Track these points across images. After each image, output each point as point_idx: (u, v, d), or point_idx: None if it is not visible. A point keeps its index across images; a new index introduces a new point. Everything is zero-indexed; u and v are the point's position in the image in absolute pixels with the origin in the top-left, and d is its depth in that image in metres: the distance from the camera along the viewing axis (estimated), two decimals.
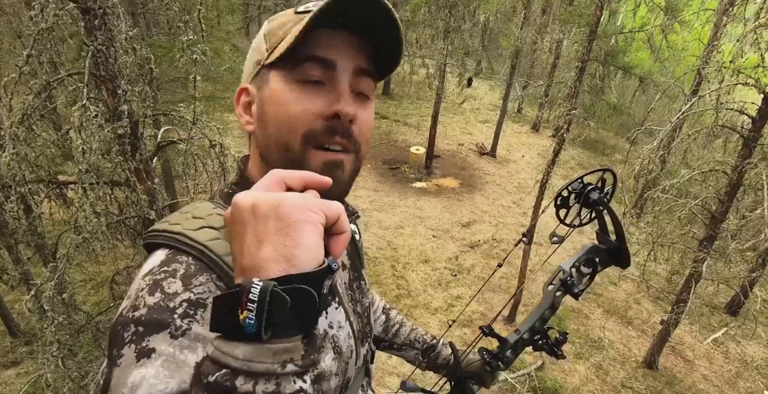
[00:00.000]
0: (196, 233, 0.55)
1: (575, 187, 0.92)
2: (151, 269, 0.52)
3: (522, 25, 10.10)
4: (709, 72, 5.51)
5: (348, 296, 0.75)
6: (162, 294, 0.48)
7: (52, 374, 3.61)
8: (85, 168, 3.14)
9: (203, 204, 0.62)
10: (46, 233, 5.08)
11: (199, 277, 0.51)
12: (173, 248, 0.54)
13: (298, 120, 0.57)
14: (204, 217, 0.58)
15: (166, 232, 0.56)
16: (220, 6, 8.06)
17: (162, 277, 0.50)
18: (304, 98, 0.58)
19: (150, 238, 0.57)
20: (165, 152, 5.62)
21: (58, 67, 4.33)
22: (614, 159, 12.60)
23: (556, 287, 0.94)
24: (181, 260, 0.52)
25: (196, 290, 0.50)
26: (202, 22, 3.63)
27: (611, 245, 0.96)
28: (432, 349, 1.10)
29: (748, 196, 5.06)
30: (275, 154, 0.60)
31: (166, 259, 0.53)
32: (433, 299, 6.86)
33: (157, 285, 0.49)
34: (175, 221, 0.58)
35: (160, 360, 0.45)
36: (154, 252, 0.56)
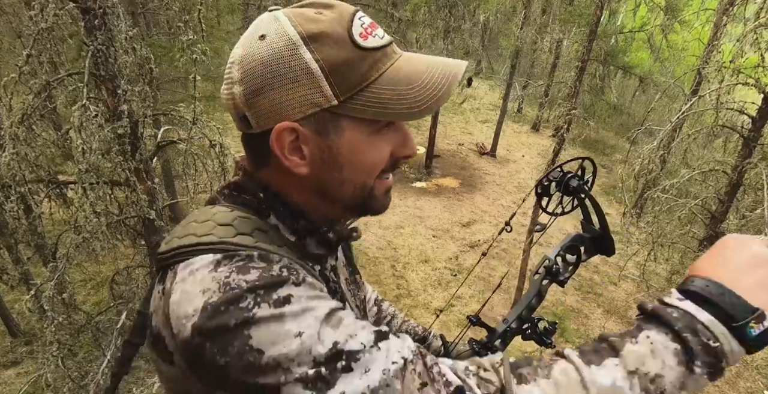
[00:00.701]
0: (237, 240, 0.53)
1: (555, 175, 0.92)
2: (218, 262, 0.49)
3: (522, 25, 10.11)
4: (709, 72, 5.51)
5: (350, 291, 0.76)
6: (257, 270, 0.48)
7: (52, 374, 3.61)
8: (85, 168, 3.14)
9: (218, 208, 0.59)
10: (46, 232, 5.09)
11: (273, 256, 0.52)
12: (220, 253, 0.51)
13: (378, 165, 0.60)
14: (231, 223, 0.56)
15: (202, 244, 0.53)
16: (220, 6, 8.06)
17: (243, 263, 0.49)
18: (382, 145, 0.59)
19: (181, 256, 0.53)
20: (165, 152, 5.63)
21: (58, 67, 4.33)
22: (614, 159, 12.61)
23: (542, 276, 0.95)
24: (242, 253, 0.51)
25: (283, 261, 0.51)
26: (202, 22, 3.64)
27: (595, 233, 0.97)
28: (423, 341, 1.10)
29: (748, 196, 5.06)
30: (347, 193, 0.61)
31: (223, 256, 0.50)
32: (433, 298, 6.87)
33: (245, 267, 0.48)
34: (204, 232, 0.54)
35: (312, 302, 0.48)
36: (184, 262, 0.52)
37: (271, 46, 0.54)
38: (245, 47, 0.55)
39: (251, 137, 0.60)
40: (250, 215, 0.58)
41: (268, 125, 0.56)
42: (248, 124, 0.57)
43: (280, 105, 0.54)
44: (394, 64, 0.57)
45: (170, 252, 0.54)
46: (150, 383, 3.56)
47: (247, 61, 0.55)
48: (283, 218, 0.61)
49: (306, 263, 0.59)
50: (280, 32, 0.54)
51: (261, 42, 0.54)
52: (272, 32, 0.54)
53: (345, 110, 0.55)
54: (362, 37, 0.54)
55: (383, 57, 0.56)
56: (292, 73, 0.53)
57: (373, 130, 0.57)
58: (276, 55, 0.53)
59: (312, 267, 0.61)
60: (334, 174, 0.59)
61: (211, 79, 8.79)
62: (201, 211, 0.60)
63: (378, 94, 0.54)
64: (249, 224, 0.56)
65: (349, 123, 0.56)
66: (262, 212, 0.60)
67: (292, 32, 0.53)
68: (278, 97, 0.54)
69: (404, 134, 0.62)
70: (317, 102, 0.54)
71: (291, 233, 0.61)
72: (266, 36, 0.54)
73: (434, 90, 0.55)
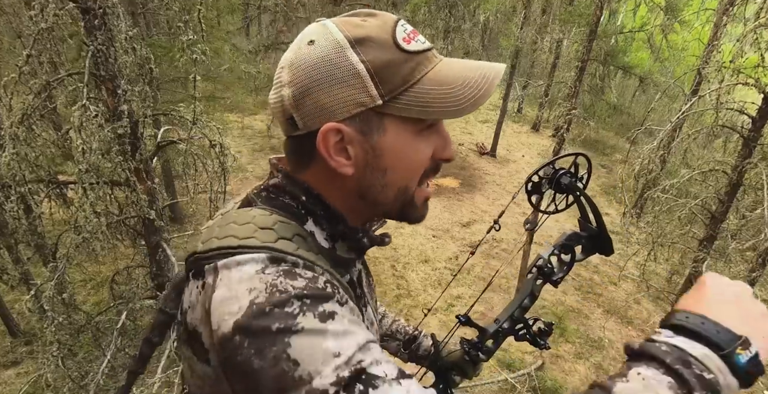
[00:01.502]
0: (279, 245, 0.53)
1: (547, 172, 0.90)
2: (264, 266, 0.49)
3: (522, 25, 10.11)
4: (709, 72, 5.51)
5: (370, 295, 0.79)
6: (304, 279, 0.49)
7: (52, 374, 3.61)
8: (85, 168, 3.14)
9: (256, 211, 0.59)
10: (46, 232, 5.08)
11: (316, 267, 0.53)
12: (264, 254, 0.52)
13: (421, 166, 0.62)
14: (272, 227, 0.56)
15: (244, 247, 0.52)
16: (220, 6, 8.07)
17: (290, 268, 0.50)
18: (424, 146, 0.61)
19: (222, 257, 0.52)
20: (165, 152, 5.62)
21: (58, 67, 4.33)
22: (614, 159, 12.61)
23: (534, 275, 0.93)
24: (288, 260, 0.51)
25: (325, 277, 0.52)
26: (202, 22, 3.64)
27: (592, 231, 0.94)
28: (413, 340, 1.11)
29: (748, 196, 5.06)
30: (389, 196, 0.62)
31: (272, 257, 0.50)
32: (433, 298, 6.86)
33: (293, 273, 0.49)
34: (246, 234, 0.54)
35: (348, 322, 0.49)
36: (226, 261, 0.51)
37: (319, 50, 0.56)
38: (295, 52, 0.58)
39: (296, 140, 0.61)
40: (290, 220, 0.59)
41: (314, 126, 0.57)
42: (295, 126, 0.59)
43: (327, 105, 0.56)
44: (435, 67, 0.59)
45: (210, 252, 0.53)
46: (150, 383, 3.56)
47: (296, 65, 0.57)
48: (321, 222, 0.62)
49: (338, 271, 0.60)
50: (328, 37, 0.57)
51: (310, 46, 0.57)
52: (321, 37, 0.57)
53: (389, 109, 0.57)
54: (405, 41, 0.57)
55: (425, 60, 0.59)
56: (340, 74, 0.55)
57: (415, 130, 0.59)
58: (324, 57, 0.56)
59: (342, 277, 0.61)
60: (378, 176, 0.60)
61: (211, 79, 8.80)
62: (239, 213, 0.59)
63: (421, 93, 0.57)
64: (290, 229, 0.57)
65: (393, 123, 0.58)
66: (300, 217, 0.61)
67: (340, 36, 0.56)
68: (326, 97, 0.56)
69: (445, 137, 0.64)
70: (363, 101, 0.56)
71: (326, 239, 0.62)
72: (315, 41, 0.57)
73: (475, 89, 0.57)
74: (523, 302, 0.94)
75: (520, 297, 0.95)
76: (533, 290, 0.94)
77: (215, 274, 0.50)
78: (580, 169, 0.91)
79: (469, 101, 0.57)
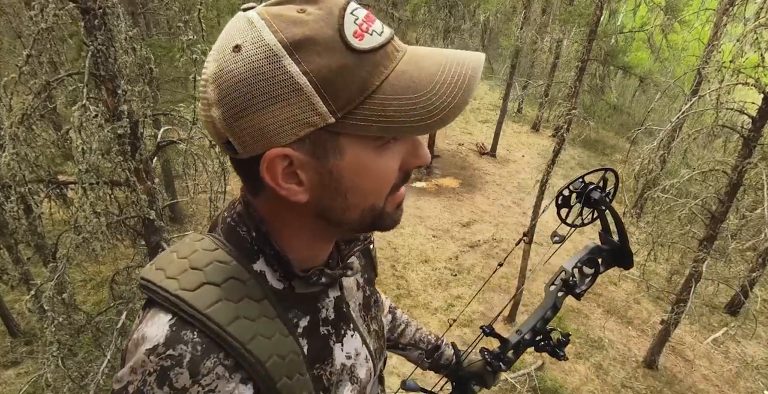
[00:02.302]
0: (195, 296, 0.50)
1: (576, 186, 0.90)
2: (156, 346, 0.48)
3: (522, 25, 10.11)
4: (709, 72, 5.51)
5: (362, 318, 0.72)
6: (171, 389, 0.47)
7: (52, 374, 3.61)
8: (85, 168, 3.14)
9: (203, 243, 0.56)
10: (46, 233, 5.09)
11: (206, 362, 0.48)
12: (175, 314, 0.50)
13: (387, 183, 0.53)
14: (203, 268, 0.53)
15: (162, 290, 0.51)
16: (220, 6, 8.06)
17: (169, 365, 0.47)
18: (390, 161, 0.52)
19: (147, 291, 0.53)
20: (165, 152, 5.62)
21: (58, 67, 4.33)
22: (614, 159, 12.61)
23: (557, 288, 0.94)
24: (186, 339, 0.48)
25: (204, 382, 0.48)
26: (202, 22, 3.64)
27: (614, 245, 0.95)
28: (436, 349, 1.09)
29: (748, 196, 5.06)
30: (354, 217, 0.54)
31: (170, 335, 0.48)
32: (433, 298, 6.87)
33: (165, 376, 0.47)
34: (172, 273, 0.53)
35: None
36: (154, 309, 0.52)
37: (248, 60, 0.44)
38: (218, 62, 0.46)
39: (240, 162, 0.51)
40: (231, 259, 0.54)
41: (256, 151, 0.48)
42: (233, 150, 0.49)
43: (268, 128, 0.46)
44: (397, 66, 0.48)
45: (144, 281, 0.53)
46: None
47: (222, 79, 0.45)
48: (271, 262, 0.57)
49: (291, 317, 0.57)
50: (258, 41, 0.44)
51: (236, 55, 0.45)
52: (248, 42, 0.45)
53: (344, 128, 0.47)
54: (357, 36, 0.46)
55: (384, 59, 0.47)
56: (278, 90, 0.44)
57: (377, 145, 0.50)
58: (255, 70, 0.44)
59: (297, 323, 0.58)
60: (338, 199, 0.52)
61: None
62: (189, 242, 0.57)
63: (381, 106, 0.46)
64: (224, 272, 0.53)
65: (350, 141, 0.48)
66: (251, 254, 0.56)
67: (272, 40, 0.44)
68: (264, 119, 0.46)
69: (413, 142, 0.54)
70: (311, 122, 0.46)
71: (279, 280, 0.57)
72: (241, 47, 0.45)
73: (448, 96, 0.47)
74: (546, 314, 0.94)
75: (542, 309, 0.95)
76: (556, 302, 0.94)
77: (139, 322, 0.52)
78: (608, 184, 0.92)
79: (441, 113, 0.47)
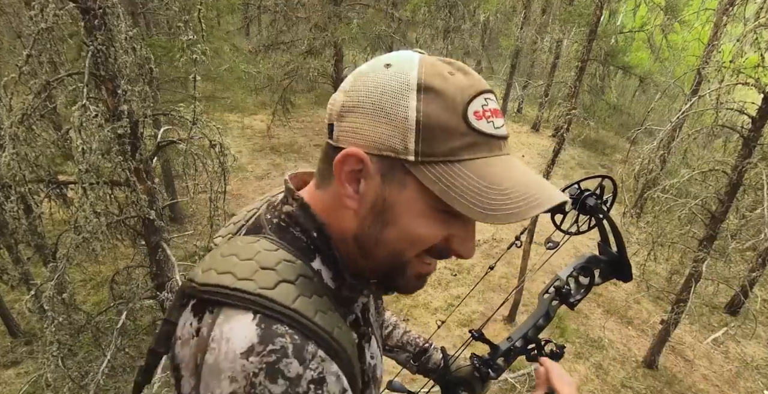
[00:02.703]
0: (276, 294, 0.51)
1: (572, 192, 0.89)
2: (251, 347, 0.47)
3: (522, 25, 10.11)
4: (709, 72, 5.51)
5: (376, 322, 0.75)
6: (285, 380, 0.47)
7: (52, 374, 3.61)
8: (85, 168, 3.14)
9: (262, 244, 0.57)
10: (46, 233, 5.09)
11: (308, 347, 0.49)
12: (256, 313, 0.49)
13: (425, 241, 0.56)
14: (274, 267, 0.54)
15: (239, 291, 0.50)
16: (220, 6, 8.07)
17: (275, 359, 0.47)
18: (440, 226, 0.55)
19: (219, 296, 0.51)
20: (165, 152, 5.63)
21: (58, 67, 4.33)
22: (614, 159, 12.61)
23: (551, 296, 0.92)
24: (280, 332, 0.48)
25: (313, 366, 0.49)
26: (202, 22, 3.63)
27: (612, 256, 0.93)
28: (424, 352, 1.08)
29: (748, 196, 5.06)
30: (380, 255, 0.58)
31: (263, 332, 0.48)
32: (433, 298, 6.87)
33: (275, 370, 0.47)
34: (245, 275, 0.52)
35: None
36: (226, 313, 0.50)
37: (388, 77, 0.53)
38: (369, 66, 0.55)
39: (330, 148, 0.57)
40: (296, 259, 0.56)
41: (345, 144, 0.54)
42: (330, 134, 0.56)
43: (364, 131, 0.53)
44: (491, 159, 0.53)
45: (208, 287, 0.52)
46: (150, 383, 3.56)
47: (362, 79, 0.54)
48: (328, 262, 0.59)
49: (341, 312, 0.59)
50: (405, 70, 0.53)
51: (384, 69, 0.54)
52: (400, 67, 0.53)
53: (417, 171, 0.52)
54: (476, 115, 0.52)
55: (485, 145, 0.52)
56: (391, 110, 0.51)
57: (438, 207, 0.53)
58: (387, 86, 0.52)
59: (346, 318, 0.61)
60: (377, 228, 0.56)
61: (211, 79, 8.80)
62: (245, 244, 0.57)
63: (455, 175, 0.51)
64: (294, 270, 0.55)
65: (416, 186, 0.53)
66: (308, 253, 0.58)
67: (414, 76, 0.52)
68: (366, 123, 0.53)
69: (468, 232, 0.58)
70: (395, 148, 0.52)
71: (332, 279, 0.60)
72: (392, 67, 0.53)
73: (515, 203, 0.50)
74: (538, 321, 0.93)
75: (535, 317, 0.93)
76: (549, 310, 0.93)
77: (210, 328, 0.50)
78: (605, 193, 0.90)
79: (501, 211, 0.50)
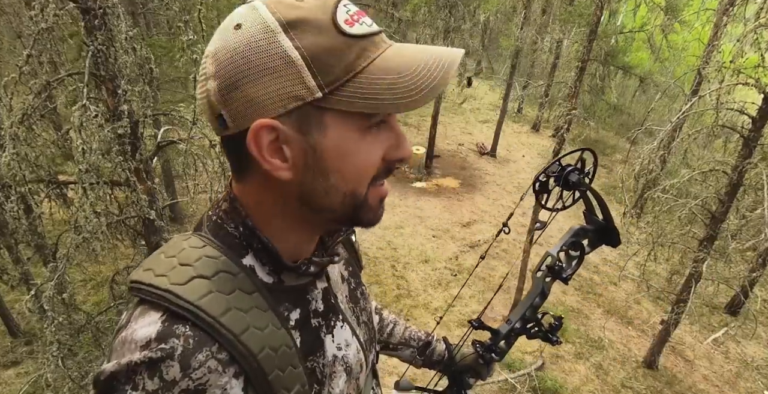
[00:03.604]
0: (186, 289, 0.50)
1: (554, 170, 0.89)
2: (148, 342, 0.47)
3: (522, 25, 10.11)
4: (709, 72, 5.51)
5: (350, 309, 0.73)
6: (161, 380, 0.46)
7: (52, 374, 3.61)
8: (85, 168, 3.14)
9: (190, 241, 0.56)
10: (46, 233, 5.08)
11: (198, 355, 0.48)
12: (167, 311, 0.50)
13: (370, 170, 0.55)
14: (192, 263, 0.53)
15: (152, 287, 0.51)
16: (220, 6, 8.06)
17: (159, 357, 0.46)
18: (373, 147, 0.54)
19: (136, 292, 0.52)
20: (165, 152, 5.62)
21: (58, 67, 4.33)
22: (614, 159, 12.61)
23: (544, 274, 0.93)
24: (178, 333, 0.48)
25: (195, 376, 0.47)
26: (202, 22, 3.63)
27: (599, 224, 0.94)
28: (427, 346, 1.09)
29: (748, 196, 5.06)
30: (335, 202, 0.55)
31: (162, 329, 0.48)
32: (433, 299, 6.86)
33: (156, 367, 0.46)
34: (161, 271, 0.52)
35: None
36: (143, 307, 0.51)
37: (247, 35, 0.49)
38: (220, 39, 0.50)
39: (230, 141, 0.53)
40: (220, 254, 0.54)
41: (245, 124, 0.50)
42: (225, 124, 0.52)
43: (258, 99, 0.49)
44: (383, 53, 0.52)
45: (133, 284, 0.53)
46: None
47: (221, 53, 0.50)
48: (260, 256, 0.57)
49: (282, 310, 0.57)
50: (257, 20, 0.49)
51: (236, 31, 0.49)
52: (248, 21, 0.49)
53: (330, 103, 0.50)
54: (348, 23, 0.50)
55: (371, 45, 0.51)
56: (271, 62, 0.48)
57: (362, 127, 0.52)
58: (253, 43, 0.48)
59: (288, 316, 0.58)
60: (320, 180, 0.53)
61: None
62: (175, 242, 0.57)
63: (366, 84, 0.50)
64: (213, 266, 0.53)
65: (335, 119, 0.51)
66: (240, 249, 0.57)
67: (270, 19, 0.49)
68: (256, 90, 0.49)
69: (397, 134, 0.56)
70: (299, 95, 0.49)
71: (268, 274, 0.58)
72: (242, 25, 0.49)
73: (428, 78, 0.50)
74: (535, 301, 0.94)
75: (531, 296, 0.94)
76: (544, 288, 0.94)
77: (128, 319, 0.52)
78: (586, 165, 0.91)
79: (423, 91, 0.50)
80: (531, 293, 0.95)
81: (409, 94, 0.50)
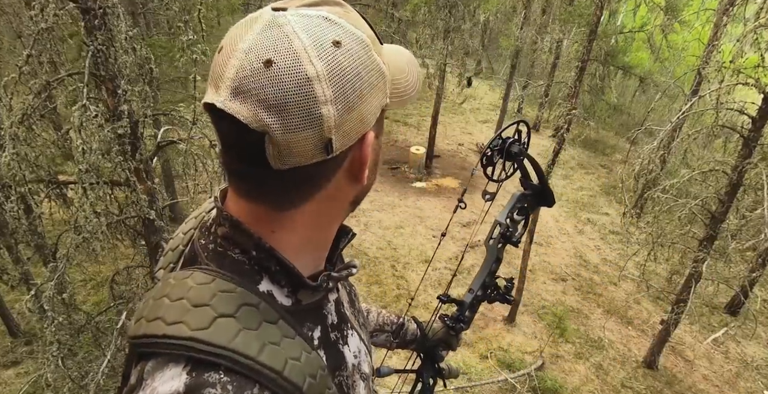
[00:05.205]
0: (212, 333, 0.45)
1: (497, 144, 0.97)
2: None
3: (522, 25, 10.11)
4: (709, 72, 5.51)
5: (353, 314, 0.71)
6: None
7: (52, 374, 3.61)
8: (85, 168, 3.14)
9: (195, 278, 0.50)
10: (46, 233, 5.09)
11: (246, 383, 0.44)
12: (189, 360, 0.44)
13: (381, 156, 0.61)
14: (209, 302, 0.47)
15: (170, 339, 0.45)
16: (220, 6, 8.06)
17: None
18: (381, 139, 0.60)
19: (149, 347, 0.46)
20: (165, 152, 5.62)
21: (58, 67, 4.33)
22: (614, 159, 12.60)
23: (497, 240, 1.02)
24: (212, 381, 0.43)
25: None
26: (202, 22, 3.63)
27: (535, 188, 1.04)
28: (401, 327, 1.11)
29: (748, 196, 5.06)
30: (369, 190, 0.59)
31: (190, 381, 0.42)
32: (433, 299, 6.86)
33: None
34: (174, 318, 0.46)
35: None
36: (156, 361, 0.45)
37: (353, 53, 0.46)
38: (323, 59, 0.44)
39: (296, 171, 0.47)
40: (234, 286, 0.49)
41: (348, 144, 0.48)
42: (330, 150, 0.46)
43: (365, 115, 0.48)
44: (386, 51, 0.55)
45: (138, 339, 0.47)
46: None
47: (338, 76, 0.45)
48: (278, 279, 0.53)
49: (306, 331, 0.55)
50: (351, 37, 0.46)
51: (339, 49, 0.45)
52: (344, 38, 0.46)
53: (389, 105, 0.54)
54: None
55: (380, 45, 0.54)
56: (375, 78, 0.49)
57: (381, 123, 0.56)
58: (361, 62, 0.47)
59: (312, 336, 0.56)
60: (373, 176, 0.56)
61: None
62: (177, 281, 0.50)
63: (396, 83, 0.55)
64: (233, 301, 0.48)
65: None
66: (252, 275, 0.52)
67: (360, 34, 0.47)
68: (367, 107, 0.48)
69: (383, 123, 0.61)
70: (383, 103, 0.52)
71: (287, 296, 0.54)
72: (341, 43, 0.45)
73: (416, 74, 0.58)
74: (492, 267, 1.03)
75: (487, 263, 1.03)
76: (498, 254, 1.03)
77: (139, 377, 0.46)
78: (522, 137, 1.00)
79: (416, 86, 0.57)
80: (487, 261, 1.03)
81: (411, 90, 0.56)
